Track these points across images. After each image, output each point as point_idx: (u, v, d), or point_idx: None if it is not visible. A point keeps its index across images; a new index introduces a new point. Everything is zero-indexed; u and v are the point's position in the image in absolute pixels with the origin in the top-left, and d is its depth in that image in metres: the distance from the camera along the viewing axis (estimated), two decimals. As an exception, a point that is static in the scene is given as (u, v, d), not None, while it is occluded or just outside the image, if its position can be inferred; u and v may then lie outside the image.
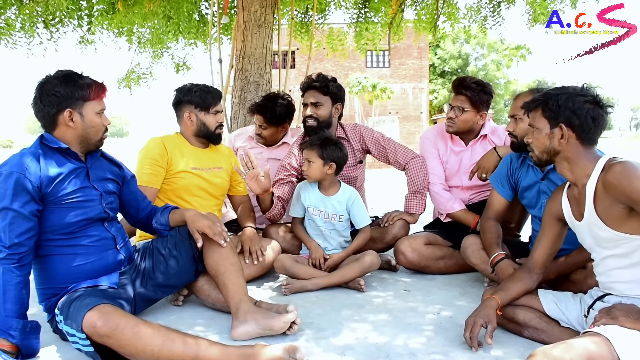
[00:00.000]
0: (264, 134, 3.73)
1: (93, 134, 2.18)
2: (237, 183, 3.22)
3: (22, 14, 5.99)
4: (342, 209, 3.02)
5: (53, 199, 2.05)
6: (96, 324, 1.77)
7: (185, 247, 2.37)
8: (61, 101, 2.09)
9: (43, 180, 2.01)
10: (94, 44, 6.94)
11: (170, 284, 2.40)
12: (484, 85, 3.18)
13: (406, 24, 7.40)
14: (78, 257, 2.14)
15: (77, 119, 2.12)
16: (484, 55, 38.83)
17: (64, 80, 2.10)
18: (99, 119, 2.18)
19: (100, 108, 2.18)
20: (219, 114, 3.01)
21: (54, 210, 2.07)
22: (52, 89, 2.08)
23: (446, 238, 3.24)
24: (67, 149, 2.13)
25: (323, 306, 2.60)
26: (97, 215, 2.19)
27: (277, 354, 1.80)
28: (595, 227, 1.83)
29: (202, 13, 7.14)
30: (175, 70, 8.05)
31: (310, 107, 3.31)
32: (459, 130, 3.23)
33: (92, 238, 2.18)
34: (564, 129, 1.88)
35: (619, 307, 1.75)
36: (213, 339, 2.15)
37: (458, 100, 3.19)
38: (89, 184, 2.19)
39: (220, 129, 3.04)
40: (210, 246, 2.33)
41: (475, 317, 2.00)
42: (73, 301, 1.94)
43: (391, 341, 2.12)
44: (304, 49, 6.98)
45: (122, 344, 1.77)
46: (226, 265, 2.30)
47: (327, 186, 3.05)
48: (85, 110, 2.14)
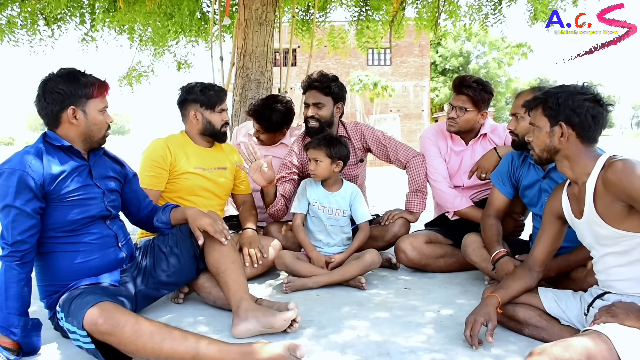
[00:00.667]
0: (261, 137, 3.74)
1: (96, 132, 2.19)
2: (241, 181, 3.22)
3: (23, 11, 6.00)
4: (345, 204, 3.06)
5: (55, 196, 2.06)
6: (97, 321, 1.77)
7: (187, 245, 2.38)
8: (65, 99, 2.09)
9: (46, 178, 2.02)
10: (95, 41, 6.95)
11: (171, 281, 2.40)
12: (484, 84, 3.17)
13: (407, 22, 7.40)
14: (80, 254, 2.15)
15: (81, 117, 2.13)
16: (485, 53, 38.82)
17: (67, 78, 2.11)
18: (101, 116, 2.19)
19: (103, 106, 2.19)
20: (224, 112, 3.02)
21: (57, 208, 2.08)
22: (55, 86, 2.09)
23: (447, 236, 3.24)
24: (70, 147, 2.14)
25: (324, 304, 2.60)
26: (99, 213, 2.20)
27: (278, 352, 1.80)
28: (595, 224, 1.84)
29: (204, 11, 7.15)
30: (177, 68, 8.06)
31: (311, 107, 3.30)
32: (460, 130, 3.23)
33: (94, 235, 2.19)
34: (564, 127, 1.88)
35: (618, 305, 1.75)
36: (214, 336, 2.14)
37: (459, 100, 3.18)
38: (91, 182, 2.19)
39: (225, 127, 3.05)
40: (211, 244, 2.34)
41: (475, 315, 2.00)
42: (74, 298, 1.94)
43: (391, 339, 2.13)
44: (305, 46, 6.97)
45: (123, 342, 1.78)
46: (227, 263, 2.30)
47: (331, 183, 3.08)
48: (88, 108, 2.14)
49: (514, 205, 2.87)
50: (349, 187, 3.12)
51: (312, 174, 3.02)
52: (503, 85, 38.41)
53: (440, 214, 3.49)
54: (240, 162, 3.15)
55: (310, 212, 3.10)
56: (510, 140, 2.82)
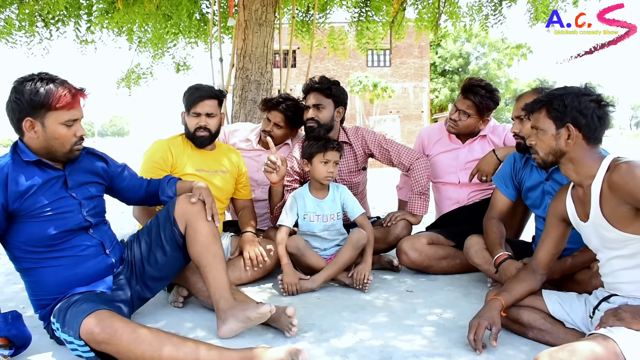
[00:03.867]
0: (275, 133, 3.48)
1: (58, 146, 2.01)
2: (242, 186, 3.20)
3: (21, 12, 5.97)
4: (337, 207, 3.05)
5: (26, 213, 1.97)
6: (94, 330, 1.74)
7: (168, 233, 2.29)
8: (21, 109, 1.94)
9: (10, 197, 1.93)
10: (94, 43, 6.91)
11: (162, 275, 2.34)
12: (492, 93, 3.20)
13: (407, 23, 7.37)
14: (66, 267, 2.07)
15: (39, 129, 1.97)
16: (485, 54, 38.88)
17: (25, 86, 1.94)
18: (64, 129, 2.00)
19: (68, 118, 1.99)
20: (201, 116, 2.87)
21: (30, 224, 1.99)
22: (13, 94, 1.95)
23: (449, 238, 3.22)
24: (37, 161, 2.02)
25: (325, 307, 2.58)
26: (78, 225, 2.11)
27: (280, 357, 1.77)
28: (602, 228, 1.81)
29: (203, 12, 7.13)
30: (176, 70, 8.03)
31: (312, 109, 3.27)
32: (459, 133, 3.29)
33: (78, 248, 2.11)
34: (571, 129, 1.86)
35: (625, 309, 1.72)
36: (213, 340, 2.13)
37: (464, 104, 3.21)
38: (66, 193, 2.09)
39: (200, 132, 2.89)
40: (193, 234, 2.24)
41: (479, 319, 1.98)
42: (69, 307, 1.91)
43: (393, 343, 2.10)
44: (305, 48, 6.95)
45: (121, 350, 1.74)
46: (208, 257, 2.23)
47: (319, 188, 3.05)
48: (47, 121, 1.96)
49: (516, 206, 2.85)
50: (334, 188, 3.10)
51: (330, 177, 2.96)
52: (502, 86, 38.47)
53: (440, 215, 3.48)
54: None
55: (300, 230, 3.05)
56: (509, 140, 2.82)
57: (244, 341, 2.12)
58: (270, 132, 3.48)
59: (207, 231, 2.24)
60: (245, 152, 3.52)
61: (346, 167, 3.43)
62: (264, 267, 2.91)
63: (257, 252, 2.87)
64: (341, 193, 3.09)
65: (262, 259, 2.87)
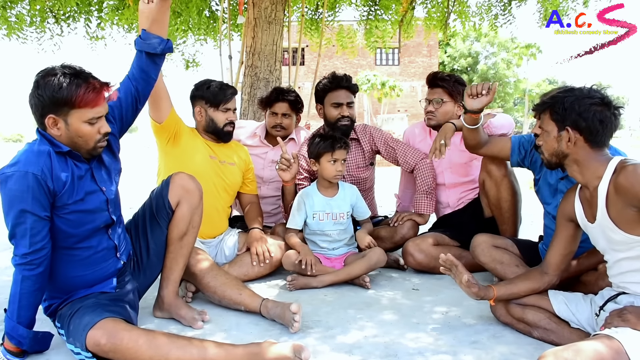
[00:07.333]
0: (285, 124, 3.54)
1: (82, 143, 1.92)
2: (249, 181, 3.22)
3: (32, 8, 6.02)
4: (347, 206, 3.06)
5: (60, 205, 1.89)
6: (100, 342, 1.74)
7: (161, 217, 2.29)
8: (44, 105, 1.84)
9: (56, 183, 1.85)
10: (104, 39, 6.95)
11: (159, 256, 2.34)
12: (457, 77, 3.31)
13: (416, 22, 7.37)
14: (75, 268, 2.01)
15: (62, 126, 1.88)
16: (494, 53, 38.68)
17: (50, 82, 1.83)
18: (88, 127, 1.89)
19: (92, 116, 1.88)
20: (230, 111, 2.99)
21: (56, 219, 1.90)
22: (36, 90, 1.84)
23: (453, 238, 3.22)
24: (69, 152, 1.93)
25: (331, 304, 2.59)
26: (104, 222, 2.06)
27: (285, 353, 1.79)
28: (608, 229, 1.81)
29: (212, 9, 7.15)
30: (185, 66, 8.06)
31: (346, 107, 3.33)
32: (439, 123, 3.22)
33: (93, 249, 2.04)
34: (571, 132, 1.85)
35: (630, 310, 1.72)
36: (220, 336, 2.15)
37: (435, 93, 3.29)
38: (96, 186, 2.02)
39: (229, 127, 3.01)
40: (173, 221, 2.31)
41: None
42: (72, 316, 1.89)
43: (399, 340, 2.12)
44: (314, 46, 6.97)
45: (129, 357, 1.75)
46: (176, 250, 2.33)
47: (328, 187, 3.06)
48: (70, 119, 1.86)
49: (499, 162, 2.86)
50: (346, 187, 3.12)
51: (339, 175, 2.99)
52: (511, 86, 38.30)
53: (440, 216, 3.48)
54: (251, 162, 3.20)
55: (309, 229, 3.07)
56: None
57: (250, 337, 2.14)
58: (280, 123, 3.55)
59: (194, 220, 2.33)
60: (252, 148, 3.53)
61: (354, 162, 3.45)
62: (270, 263, 2.93)
63: (264, 248, 2.90)
64: (354, 193, 3.11)
65: (269, 255, 2.89)
